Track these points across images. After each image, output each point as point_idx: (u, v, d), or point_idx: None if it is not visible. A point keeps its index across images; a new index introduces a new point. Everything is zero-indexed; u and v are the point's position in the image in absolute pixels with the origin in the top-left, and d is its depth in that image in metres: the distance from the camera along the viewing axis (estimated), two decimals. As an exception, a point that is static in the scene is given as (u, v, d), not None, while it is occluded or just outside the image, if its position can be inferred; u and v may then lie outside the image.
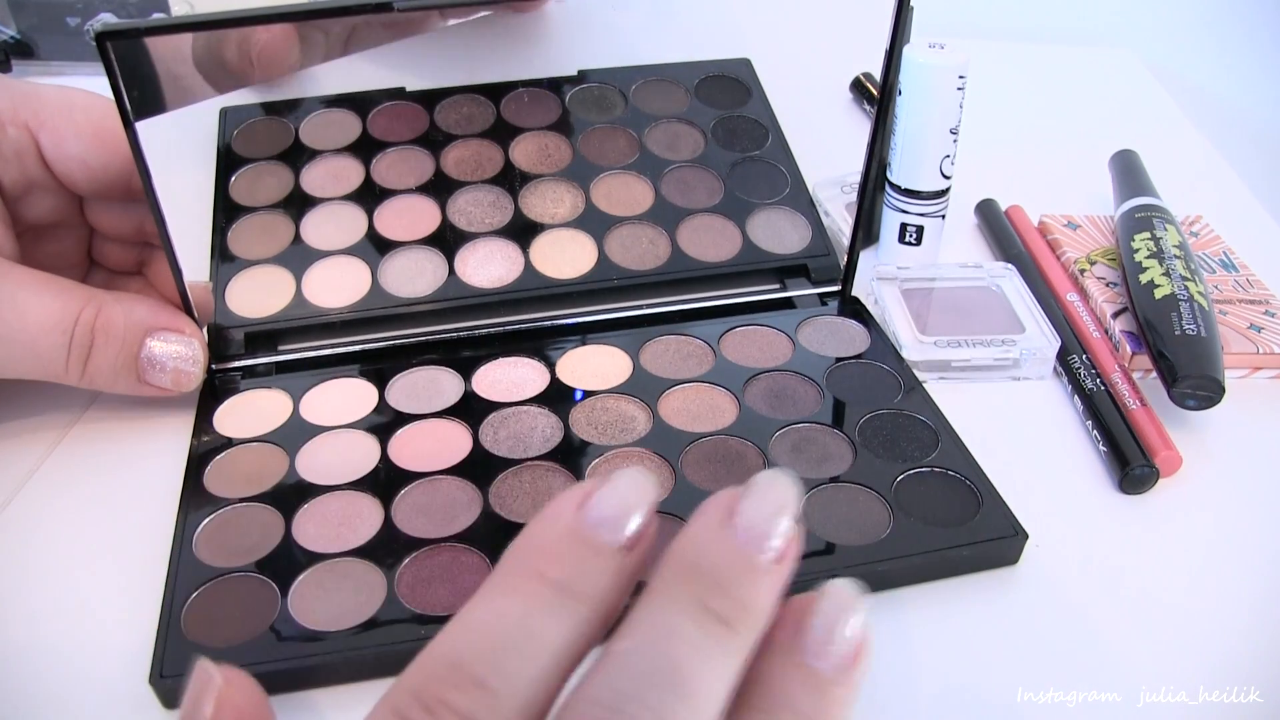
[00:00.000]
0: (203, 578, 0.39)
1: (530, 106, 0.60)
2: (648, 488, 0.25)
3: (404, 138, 0.58)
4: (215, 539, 0.41)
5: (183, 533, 0.41)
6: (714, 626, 0.23)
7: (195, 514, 0.42)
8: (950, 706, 0.37)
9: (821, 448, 0.45)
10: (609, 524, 0.24)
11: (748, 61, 0.64)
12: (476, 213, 0.55)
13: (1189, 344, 0.47)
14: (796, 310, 0.54)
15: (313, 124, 0.57)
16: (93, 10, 0.74)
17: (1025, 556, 0.42)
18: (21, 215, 0.47)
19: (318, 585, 0.39)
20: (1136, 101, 0.78)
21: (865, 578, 0.40)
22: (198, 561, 0.40)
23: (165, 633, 0.37)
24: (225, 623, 0.38)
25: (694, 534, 0.25)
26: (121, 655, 0.38)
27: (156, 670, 0.36)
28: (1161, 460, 0.46)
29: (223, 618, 0.38)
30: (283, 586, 0.39)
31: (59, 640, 0.39)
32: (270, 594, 0.39)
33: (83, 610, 0.40)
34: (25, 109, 0.45)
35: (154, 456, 0.46)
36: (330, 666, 0.37)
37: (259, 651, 0.37)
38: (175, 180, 0.55)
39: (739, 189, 0.57)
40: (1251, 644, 0.39)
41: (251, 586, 0.39)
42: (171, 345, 0.46)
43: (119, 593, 0.40)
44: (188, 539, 0.41)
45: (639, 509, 0.25)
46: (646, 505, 0.25)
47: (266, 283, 0.52)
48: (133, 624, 0.39)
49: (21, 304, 0.43)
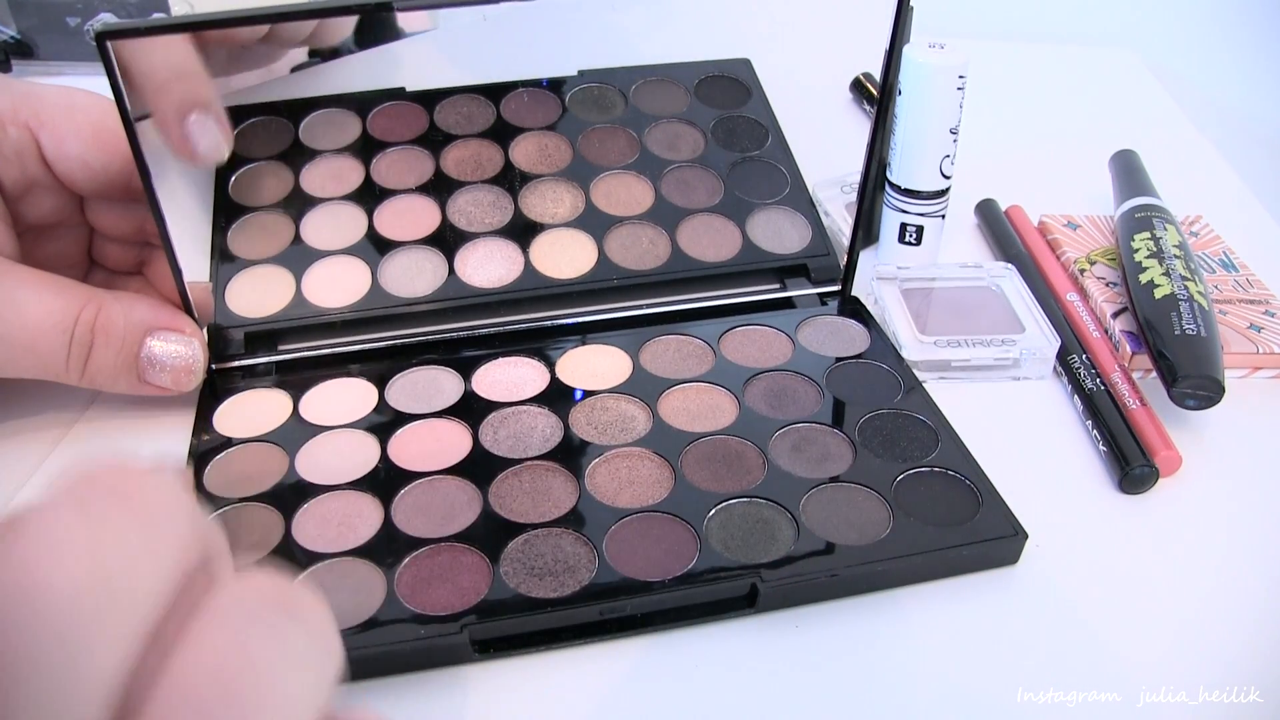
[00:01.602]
0: None
1: (530, 106, 0.60)
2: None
3: (404, 138, 0.58)
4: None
5: None
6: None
7: None
8: (950, 706, 0.37)
9: (821, 447, 0.45)
10: None
11: (747, 62, 0.64)
12: (476, 213, 0.55)
13: (1189, 344, 0.47)
14: (796, 310, 0.54)
15: (312, 124, 0.57)
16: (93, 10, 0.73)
17: (1025, 556, 0.42)
18: (22, 215, 0.47)
19: (317, 585, 0.39)
20: (1136, 101, 0.77)
21: (865, 577, 0.40)
22: None
23: None
24: None
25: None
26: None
27: None
28: (1161, 460, 0.46)
29: None
30: None
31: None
32: None
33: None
34: (26, 109, 0.45)
35: (155, 455, 0.46)
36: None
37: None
38: (176, 179, 0.55)
39: (739, 189, 0.57)
40: (1251, 644, 0.39)
41: None
42: (171, 345, 0.46)
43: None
44: None
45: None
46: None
47: (266, 282, 0.52)
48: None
49: (22, 303, 0.43)
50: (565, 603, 0.38)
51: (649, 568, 0.39)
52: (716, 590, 0.39)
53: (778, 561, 0.40)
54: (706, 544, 0.40)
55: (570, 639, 0.38)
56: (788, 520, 0.42)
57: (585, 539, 0.41)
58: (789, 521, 0.41)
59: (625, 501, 0.42)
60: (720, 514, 0.42)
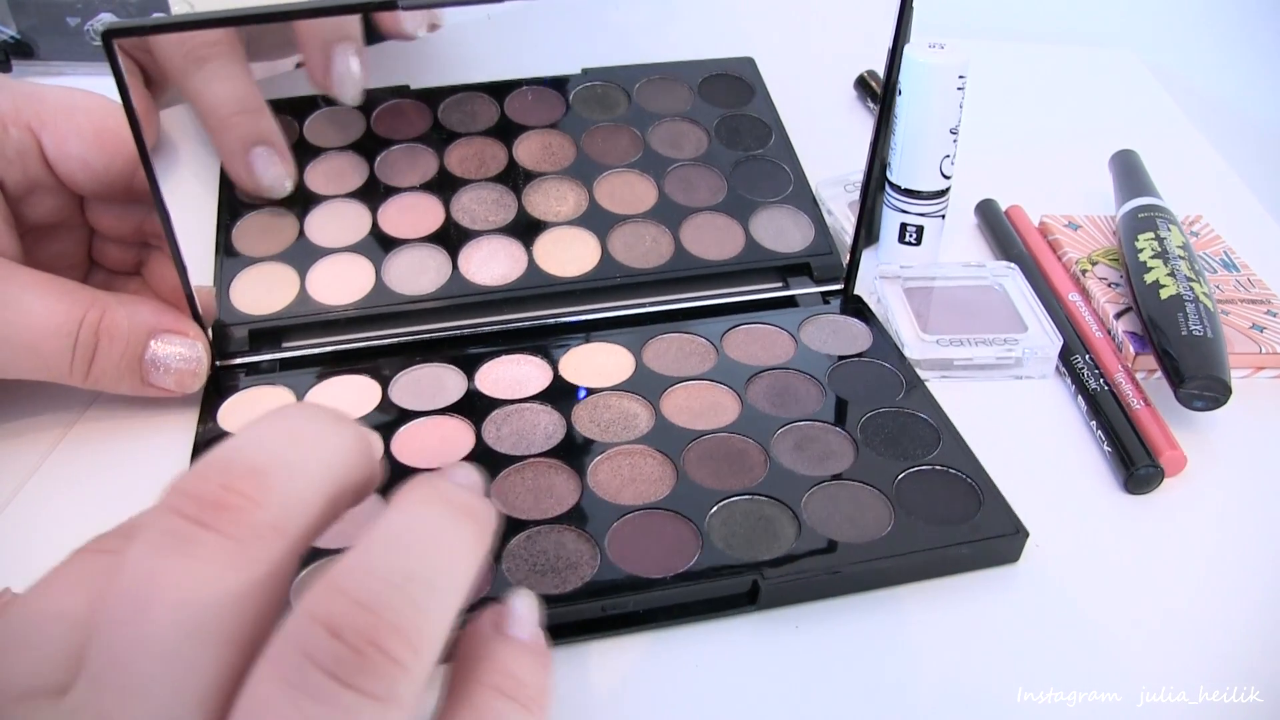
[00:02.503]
0: None
1: (534, 104, 0.60)
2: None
3: (408, 135, 0.58)
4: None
5: None
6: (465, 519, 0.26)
7: None
8: (950, 706, 0.37)
9: (823, 445, 0.45)
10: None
11: (751, 60, 0.64)
12: (480, 211, 0.55)
13: (1195, 345, 0.48)
14: (799, 308, 0.54)
15: (317, 122, 0.58)
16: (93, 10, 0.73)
17: (1027, 555, 0.42)
18: (24, 216, 0.47)
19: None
20: (1136, 101, 0.78)
21: (866, 575, 0.40)
22: None
23: None
24: None
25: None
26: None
27: None
28: (1166, 460, 0.46)
29: None
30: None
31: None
32: None
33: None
34: (27, 110, 0.45)
35: (156, 455, 0.46)
36: None
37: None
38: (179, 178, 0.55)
39: (742, 187, 0.58)
40: (1252, 644, 0.39)
41: None
42: (174, 347, 0.46)
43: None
44: None
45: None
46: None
47: (271, 280, 0.52)
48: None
49: (26, 306, 0.43)
50: (567, 599, 0.38)
51: (651, 565, 0.39)
52: (718, 587, 0.39)
53: (779, 559, 0.40)
54: (708, 541, 0.41)
55: (572, 635, 0.39)
56: (789, 518, 0.42)
57: (587, 536, 0.41)
58: (790, 519, 0.42)
59: (627, 499, 0.42)
60: (722, 511, 0.42)
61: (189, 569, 0.23)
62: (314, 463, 0.25)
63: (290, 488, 0.25)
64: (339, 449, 0.26)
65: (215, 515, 0.23)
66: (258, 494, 0.24)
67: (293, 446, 0.25)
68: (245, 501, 0.24)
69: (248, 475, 0.24)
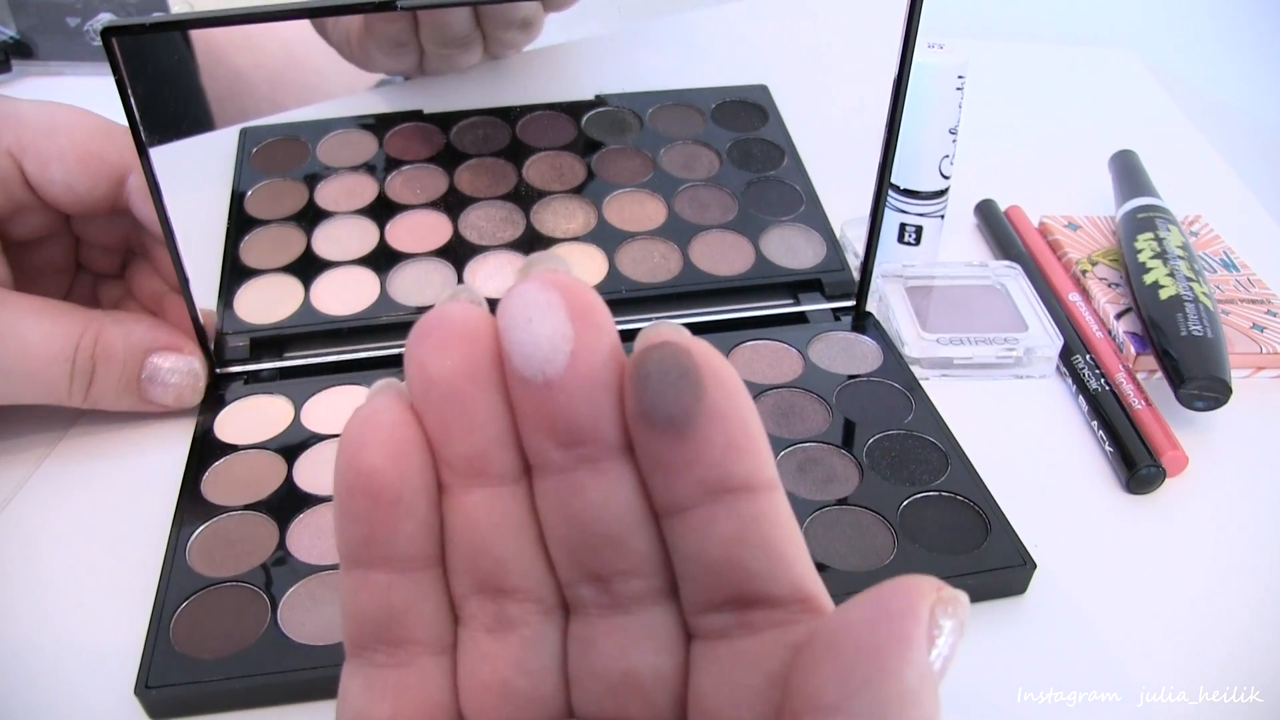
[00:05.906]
0: (194, 587, 0.39)
1: (546, 128, 0.60)
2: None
3: (419, 157, 0.58)
4: (209, 547, 0.41)
5: (176, 540, 0.41)
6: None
7: (190, 521, 0.42)
8: (950, 707, 0.37)
9: (827, 469, 0.45)
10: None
11: (765, 87, 0.64)
12: (488, 228, 0.55)
13: (1196, 345, 0.47)
14: (809, 325, 0.53)
15: (330, 144, 0.58)
16: (92, 10, 0.74)
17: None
18: (9, 234, 0.47)
19: (308, 597, 0.39)
20: (1136, 101, 0.77)
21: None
22: (190, 570, 0.40)
23: (154, 642, 0.37)
24: (215, 633, 0.38)
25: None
26: (109, 664, 0.38)
27: (143, 680, 0.36)
28: (1168, 460, 0.45)
29: (212, 628, 0.38)
30: (273, 598, 0.39)
31: (47, 647, 0.39)
32: (261, 605, 0.39)
33: (74, 617, 0.40)
34: (7, 133, 0.44)
35: (151, 462, 0.47)
36: (320, 681, 0.36)
37: (247, 664, 0.37)
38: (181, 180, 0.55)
39: (753, 206, 0.57)
40: (1252, 644, 0.39)
41: (242, 597, 0.39)
42: (171, 363, 0.46)
43: (111, 600, 0.40)
44: (181, 547, 0.41)
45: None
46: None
47: (275, 290, 0.52)
48: (123, 632, 0.39)
49: (22, 334, 0.43)
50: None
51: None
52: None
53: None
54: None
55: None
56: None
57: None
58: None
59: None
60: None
61: None
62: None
63: None
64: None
65: None
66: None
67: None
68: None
69: None
